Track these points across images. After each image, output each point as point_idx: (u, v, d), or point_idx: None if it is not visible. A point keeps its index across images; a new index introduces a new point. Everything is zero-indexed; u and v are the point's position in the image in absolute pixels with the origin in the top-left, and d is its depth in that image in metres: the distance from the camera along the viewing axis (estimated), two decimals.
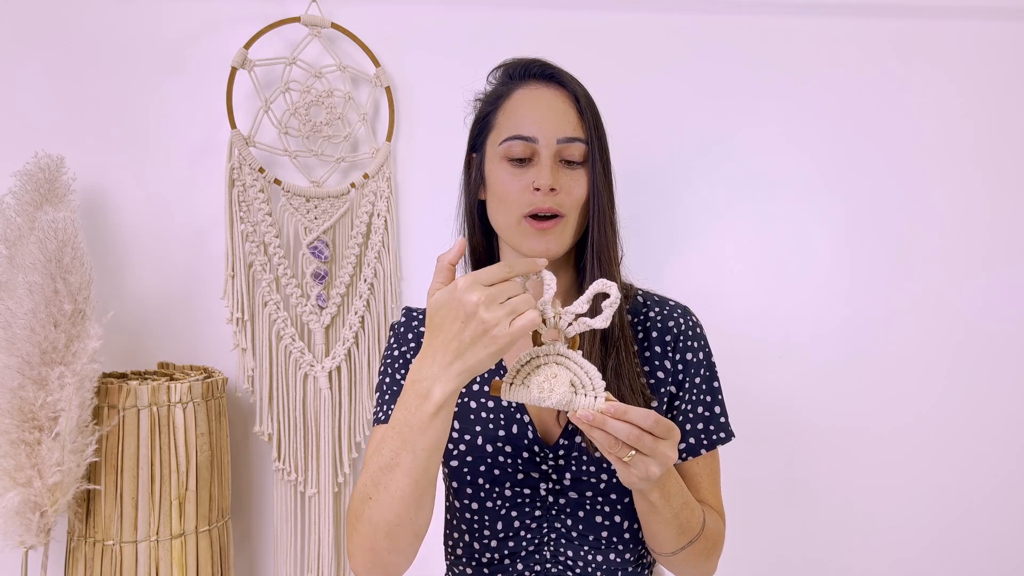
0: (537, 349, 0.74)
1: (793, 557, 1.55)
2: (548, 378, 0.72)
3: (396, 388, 0.99)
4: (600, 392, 0.72)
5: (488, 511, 0.93)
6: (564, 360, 0.73)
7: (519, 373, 0.74)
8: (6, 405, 1.16)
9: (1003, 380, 1.53)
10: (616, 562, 0.94)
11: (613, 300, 0.73)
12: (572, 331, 0.74)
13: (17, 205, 1.27)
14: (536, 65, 0.95)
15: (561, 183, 0.90)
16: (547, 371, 0.72)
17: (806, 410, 1.53)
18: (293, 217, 1.44)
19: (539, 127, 0.91)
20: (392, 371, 1.01)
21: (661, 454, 0.72)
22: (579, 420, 0.71)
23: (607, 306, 0.73)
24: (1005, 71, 1.52)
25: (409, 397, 0.75)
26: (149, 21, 1.45)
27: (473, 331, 0.69)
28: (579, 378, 0.72)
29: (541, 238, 0.90)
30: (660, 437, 0.72)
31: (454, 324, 0.70)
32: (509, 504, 0.92)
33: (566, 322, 0.74)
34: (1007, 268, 1.53)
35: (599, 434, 0.71)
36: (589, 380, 0.72)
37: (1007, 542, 1.55)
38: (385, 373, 1.02)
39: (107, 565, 1.24)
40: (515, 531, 0.93)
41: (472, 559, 0.96)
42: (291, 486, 1.46)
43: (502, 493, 0.92)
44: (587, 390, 0.72)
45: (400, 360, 1.01)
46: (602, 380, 0.72)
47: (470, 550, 0.96)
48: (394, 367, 1.01)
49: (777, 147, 1.52)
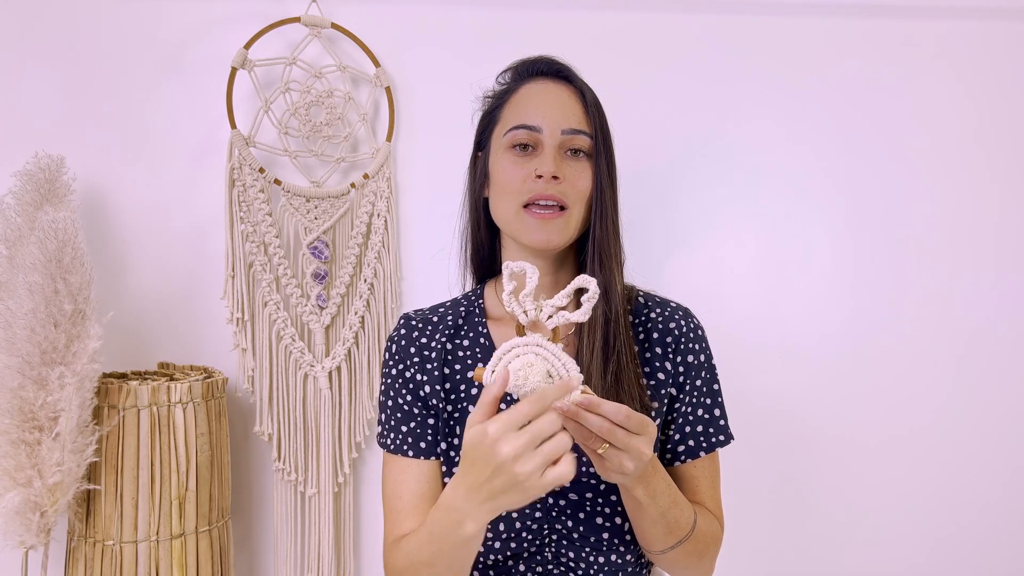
0: (517, 340, 0.75)
1: (793, 558, 1.54)
2: (524, 366, 0.73)
3: (400, 414, 0.99)
4: (578, 385, 0.73)
5: None
6: (542, 351, 0.74)
7: (500, 362, 0.75)
8: (6, 405, 1.16)
9: (1006, 382, 1.53)
10: (617, 563, 0.94)
11: (592, 294, 0.74)
12: (552, 324, 0.75)
13: (17, 205, 1.27)
14: (543, 62, 0.96)
15: (565, 173, 0.89)
16: (524, 360, 0.73)
17: (806, 411, 1.53)
18: (293, 217, 1.44)
19: (544, 117, 0.90)
20: (394, 393, 1.00)
21: (634, 448, 0.72)
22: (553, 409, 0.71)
23: (586, 300, 0.74)
24: (1006, 70, 1.52)
25: (443, 518, 0.77)
26: (149, 21, 1.45)
27: (504, 482, 0.69)
28: (556, 369, 0.73)
29: (542, 228, 0.90)
30: (633, 432, 0.72)
31: (485, 470, 0.69)
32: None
33: (546, 315, 0.75)
34: (1010, 268, 1.53)
35: (572, 425, 0.72)
36: (566, 371, 0.73)
37: (1010, 547, 1.55)
38: (387, 395, 1.01)
39: (107, 565, 1.24)
40: (516, 532, 0.93)
41: (476, 562, 0.96)
42: (291, 486, 1.46)
43: None
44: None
45: (400, 380, 1.00)
46: (579, 373, 0.73)
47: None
48: (395, 388, 1.00)
49: (777, 147, 1.51)
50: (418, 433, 0.97)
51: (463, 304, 1.04)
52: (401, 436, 0.98)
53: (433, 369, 0.98)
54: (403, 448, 0.97)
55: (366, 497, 1.52)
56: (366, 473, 1.52)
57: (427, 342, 1.00)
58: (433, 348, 0.99)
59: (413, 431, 0.97)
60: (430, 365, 0.99)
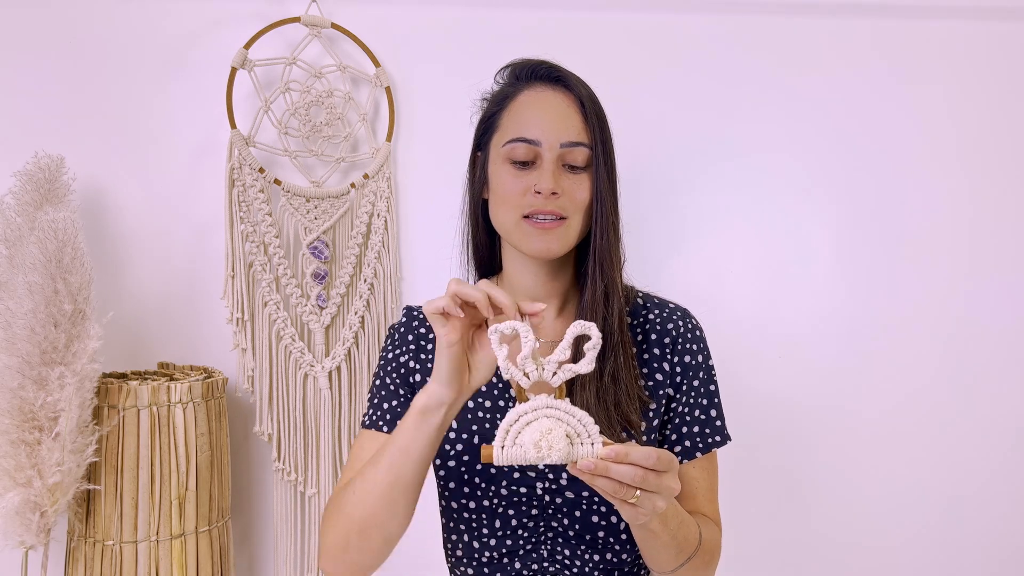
0: (524, 406, 0.69)
1: (793, 557, 1.54)
2: (544, 434, 0.67)
3: (384, 392, 0.99)
4: (596, 438, 0.69)
5: (485, 510, 0.94)
6: (554, 412, 0.69)
7: (508, 434, 0.69)
8: (6, 405, 1.16)
9: (1005, 381, 1.53)
10: (613, 561, 0.94)
11: (595, 343, 0.69)
12: (557, 380, 0.70)
13: (17, 205, 1.27)
14: (543, 67, 0.95)
15: (563, 187, 0.90)
16: (539, 426, 0.68)
17: (806, 411, 1.53)
18: (293, 217, 1.44)
19: (542, 130, 0.90)
20: (384, 374, 1.01)
21: (666, 488, 0.70)
22: (581, 471, 0.67)
23: (589, 348, 0.69)
24: (1006, 71, 1.52)
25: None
26: (149, 21, 1.45)
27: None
28: (573, 428, 0.68)
29: (542, 237, 0.90)
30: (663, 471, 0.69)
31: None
32: (506, 503, 0.93)
33: (550, 372, 0.70)
34: (1010, 267, 1.53)
35: (602, 481, 0.68)
36: (583, 428, 0.69)
37: (1010, 544, 1.55)
38: (378, 376, 1.02)
39: (107, 565, 1.24)
40: (512, 529, 0.93)
41: (472, 559, 0.96)
42: (291, 486, 1.46)
43: (498, 492, 0.92)
44: (583, 438, 0.69)
45: (394, 363, 1.00)
46: (595, 425, 0.69)
47: (470, 550, 0.96)
48: (387, 370, 1.01)
49: (777, 147, 1.51)
50: (398, 412, 0.97)
51: None
52: (380, 412, 0.98)
53: (427, 360, 0.99)
54: (378, 423, 0.97)
55: None
56: None
57: (426, 333, 1.01)
58: (431, 340, 1.00)
59: (393, 408, 0.98)
60: (424, 355, 0.99)
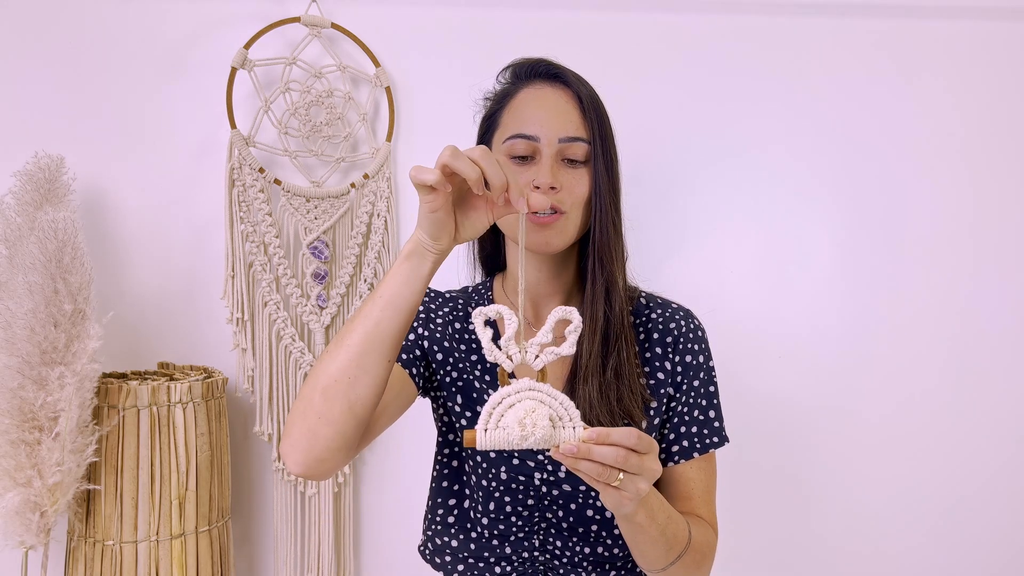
0: (506, 389, 0.69)
1: (793, 557, 1.54)
2: (528, 412, 0.67)
3: None
4: (578, 423, 0.69)
5: (483, 489, 0.95)
6: (537, 394, 0.69)
7: (491, 416, 0.69)
8: (6, 405, 1.16)
9: (1005, 380, 1.53)
10: (604, 555, 0.95)
11: (576, 325, 0.70)
12: (539, 363, 0.70)
13: (17, 205, 1.27)
14: (542, 65, 0.96)
15: (562, 181, 0.91)
16: (523, 408, 0.68)
17: (806, 411, 1.53)
18: (293, 217, 1.44)
19: (541, 126, 0.91)
20: None
21: (648, 469, 0.71)
22: (563, 455, 0.68)
23: (570, 332, 0.70)
24: (1007, 70, 1.52)
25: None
26: (149, 21, 1.45)
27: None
28: (556, 411, 0.69)
29: (541, 232, 0.91)
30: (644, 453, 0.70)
31: None
32: (503, 488, 0.94)
33: (532, 355, 0.70)
34: (1012, 268, 1.53)
35: (585, 464, 0.69)
36: (565, 411, 0.69)
37: (1011, 544, 1.55)
38: None
39: (107, 565, 1.24)
40: (506, 515, 0.94)
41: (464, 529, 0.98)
42: (291, 486, 1.46)
43: (497, 475, 0.94)
44: (565, 422, 0.69)
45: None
46: (576, 409, 0.69)
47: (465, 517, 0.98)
48: None
49: (778, 147, 1.51)
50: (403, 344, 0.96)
51: (473, 293, 1.07)
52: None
53: (436, 330, 1.01)
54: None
55: (366, 497, 1.52)
56: (366, 473, 1.52)
57: (436, 309, 1.03)
58: (441, 317, 1.02)
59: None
60: (433, 326, 1.01)
